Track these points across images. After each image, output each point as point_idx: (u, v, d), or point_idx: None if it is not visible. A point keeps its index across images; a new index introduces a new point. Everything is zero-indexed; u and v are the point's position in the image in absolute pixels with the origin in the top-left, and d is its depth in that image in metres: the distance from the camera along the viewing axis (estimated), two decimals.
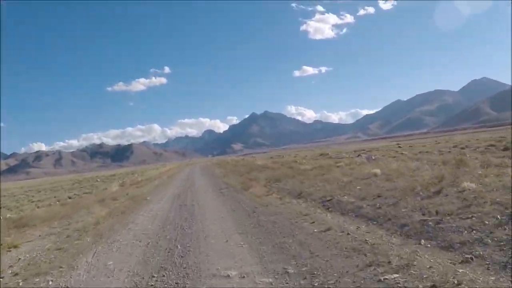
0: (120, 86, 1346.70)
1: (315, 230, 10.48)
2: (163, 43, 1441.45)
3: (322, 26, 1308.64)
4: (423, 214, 10.08)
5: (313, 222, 11.55)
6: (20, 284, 8.60)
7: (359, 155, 39.62)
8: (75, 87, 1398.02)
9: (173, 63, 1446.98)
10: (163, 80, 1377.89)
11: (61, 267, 9.53)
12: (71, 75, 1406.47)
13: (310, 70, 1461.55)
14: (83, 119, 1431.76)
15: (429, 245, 8.15)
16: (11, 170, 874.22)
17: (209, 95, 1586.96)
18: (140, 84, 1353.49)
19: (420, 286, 6.23)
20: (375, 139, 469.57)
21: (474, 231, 8.16)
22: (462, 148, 34.95)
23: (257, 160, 63.11)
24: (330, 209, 13.38)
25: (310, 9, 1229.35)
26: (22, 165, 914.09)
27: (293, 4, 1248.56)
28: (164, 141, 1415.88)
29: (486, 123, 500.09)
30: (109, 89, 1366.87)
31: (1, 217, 19.38)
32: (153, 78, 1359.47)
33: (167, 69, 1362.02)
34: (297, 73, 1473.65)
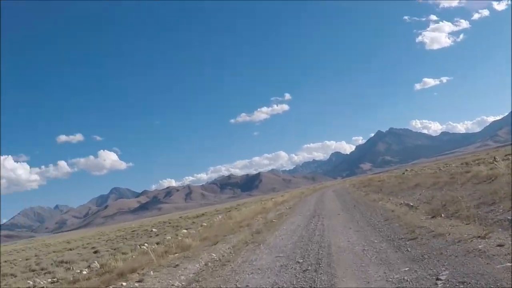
0: (243, 117, 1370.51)
1: None
2: (283, 70, 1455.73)
3: (438, 35, 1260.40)
4: None
5: None
6: None
7: None
8: (200, 123, 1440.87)
9: (293, 89, 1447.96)
10: (285, 106, 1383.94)
11: None
12: (195, 112, 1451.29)
13: (431, 82, 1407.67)
14: (210, 153, 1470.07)
15: None
16: (143, 207, 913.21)
17: (332, 117, 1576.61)
18: (262, 113, 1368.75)
19: None
20: (505, 145, 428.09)
21: None
22: None
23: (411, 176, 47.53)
24: None
25: (423, 19, 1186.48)
26: (154, 201, 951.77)
27: (406, 17, 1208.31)
28: (292, 167, 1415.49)
29: None
30: (232, 121, 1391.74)
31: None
32: (275, 106, 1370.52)
33: (287, 96, 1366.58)
34: (418, 86, 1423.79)
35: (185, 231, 34.34)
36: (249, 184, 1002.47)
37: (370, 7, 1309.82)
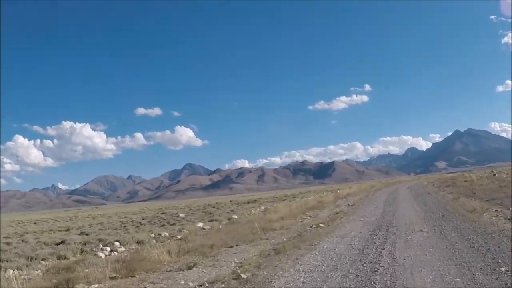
0: (321, 105, 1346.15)
1: None
2: (366, 61, 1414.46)
3: None
4: None
5: None
6: None
7: None
8: (279, 108, 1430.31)
9: (374, 81, 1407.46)
10: (364, 98, 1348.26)
11: None
12: (274, 96, 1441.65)
13: None
14: (285, 137, 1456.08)
15: None
16: (215, 185, 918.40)
17: (411, 112, 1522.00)
18: (341, 103, 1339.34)
19: None
20: None
21: None
22: None
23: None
24: None
25: (510, 20, 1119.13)
26: (226, 180, 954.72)
27: (492, 17, 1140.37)
28: (366, 159, 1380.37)
29: None
30: (310, 107, 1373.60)
31: None
32: (354, 96, 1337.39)
33: (367, 87, 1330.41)
34: (500, 88, 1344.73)
35: (183, 231, 26.22)
36: (322, 172, 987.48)
37: (458, 5, 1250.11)
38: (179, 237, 19.91)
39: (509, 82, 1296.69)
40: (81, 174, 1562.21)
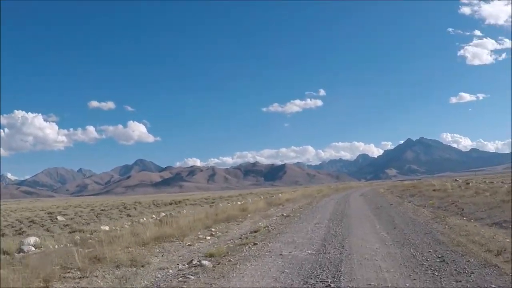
0: (275, 107, 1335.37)
1: None
2: (320, 66, 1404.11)
3: (480, 51, 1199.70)
4: None
5: None
6: None
7: None
8: (232, 108, 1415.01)
9: (329, 86, 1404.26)
10: (319, 102, 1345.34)
11: None
12: (229, 96, 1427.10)
13: (467, 97, 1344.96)
14: (238, 138, 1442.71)
15: None
16: (165, 182, 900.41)
17: (364, 119, 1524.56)
18: (295, 106, 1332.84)
19: None
20: None
21: None
22: None
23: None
24: None
25: (467, 33, 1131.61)
26: (176, 178, 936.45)
27: (450, 29, 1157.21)
28: (318, 163, 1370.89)
29: None
30: (264, 109, 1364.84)
31: None
32: (309, 100, 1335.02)
33: (322, 92, 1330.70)
34: (453, 100, 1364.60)
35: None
36: (273, 174, 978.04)
37: (416, 15, 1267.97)
38: None
39: (462, 94, 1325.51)
40: (31, 165, 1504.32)
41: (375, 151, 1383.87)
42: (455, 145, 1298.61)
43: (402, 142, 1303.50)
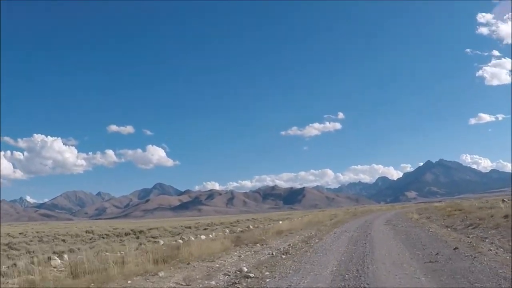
0: (294, 131, 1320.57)
1: None
2: (340, 89, 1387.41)
3: (499, 71, 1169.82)
4: None
5: None
6: None
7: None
8: (251, 131, 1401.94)
9: (348, 109, 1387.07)
10: (337, 125, 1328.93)
11: None
12: (247, 120, 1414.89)
13: (486, 118, 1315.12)
14: (257, 162, 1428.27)
15: None
16: (183, 206, 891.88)
17: (383, 141, 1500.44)
18: (313, 129, 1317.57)
19: None
20: None
21: None
22: None
23: None
24: None
25: (485, 54, 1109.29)
26: (195, 202, 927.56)
27: (468, 50, 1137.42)
28: (337, 186, 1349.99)
29: None
30: (283, 133, 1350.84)
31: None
32: (327, 123, 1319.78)
33: (341, 115, 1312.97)
34: (472, 121, 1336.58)
35: None
36: (292, 197, 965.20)
37: (434, 37, 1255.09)
38: None
39: (481, 114, 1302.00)
40: (50, 188, 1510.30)
41: (395, 174, 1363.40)
42: (475, 166, 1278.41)
43: (421, 164, 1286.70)
